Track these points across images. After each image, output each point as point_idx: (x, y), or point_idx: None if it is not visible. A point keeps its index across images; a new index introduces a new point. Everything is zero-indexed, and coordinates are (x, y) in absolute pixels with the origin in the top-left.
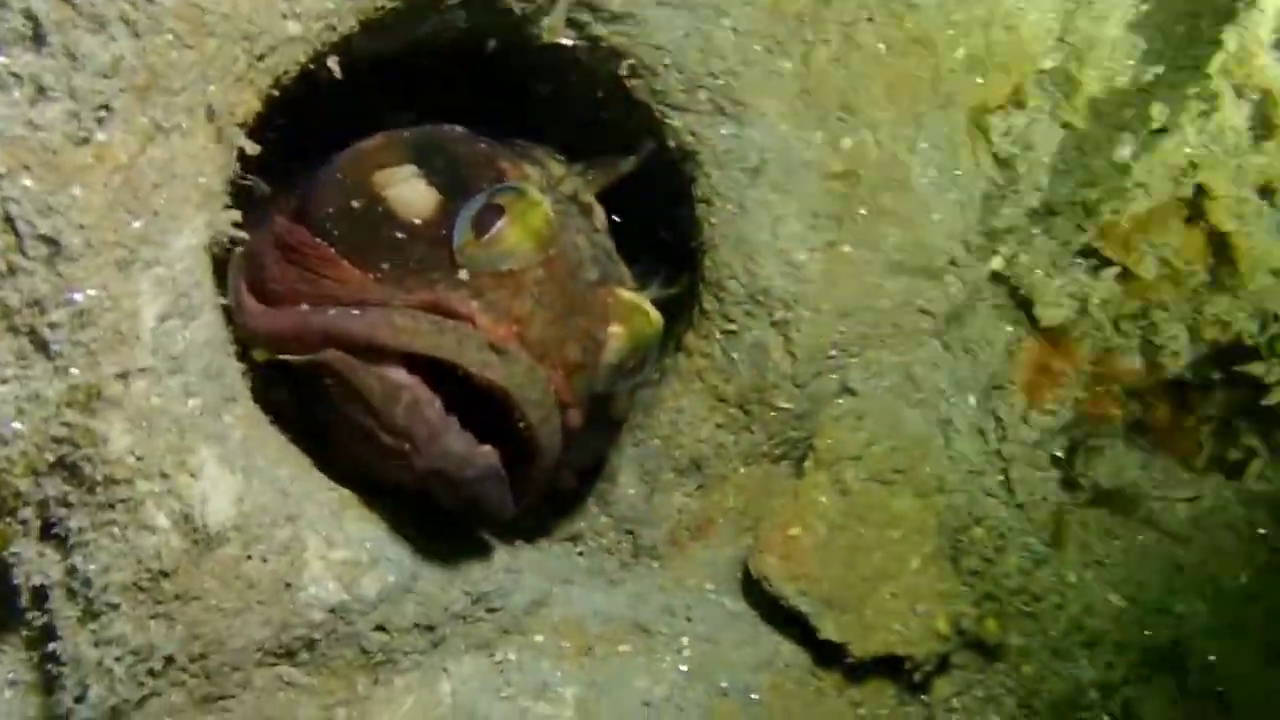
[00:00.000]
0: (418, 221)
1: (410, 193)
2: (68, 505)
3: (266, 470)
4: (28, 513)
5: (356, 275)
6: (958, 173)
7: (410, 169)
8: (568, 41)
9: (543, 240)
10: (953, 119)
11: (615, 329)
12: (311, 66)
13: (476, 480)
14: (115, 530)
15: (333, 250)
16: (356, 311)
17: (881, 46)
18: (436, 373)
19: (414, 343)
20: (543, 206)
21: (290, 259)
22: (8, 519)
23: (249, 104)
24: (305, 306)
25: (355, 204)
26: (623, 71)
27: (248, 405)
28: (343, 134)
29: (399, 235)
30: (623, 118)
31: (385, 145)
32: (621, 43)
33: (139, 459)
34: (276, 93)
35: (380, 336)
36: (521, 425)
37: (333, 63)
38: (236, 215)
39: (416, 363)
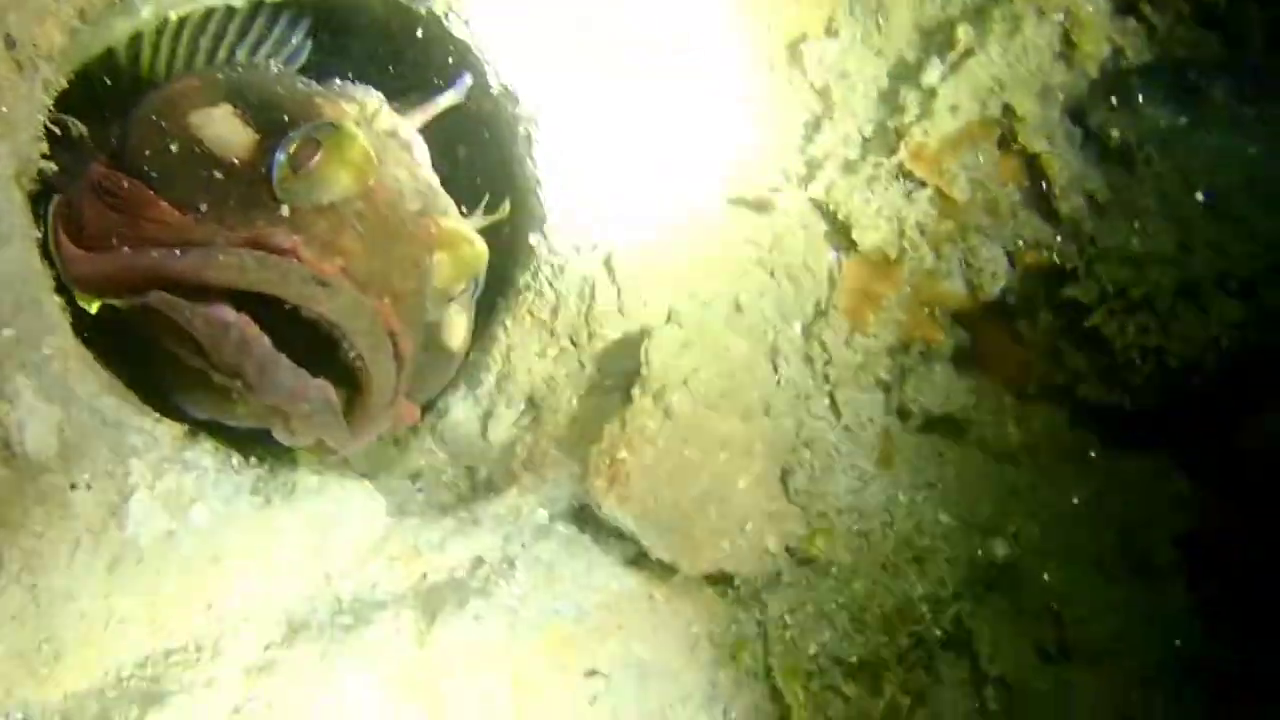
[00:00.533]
0: (235, 161)
1: (227, 131)
2: None
3: (86, 400)
4: None
5: (176, 216)
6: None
7: (226, 108)
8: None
9: (361, 172)
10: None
11: (440, 256)
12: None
13: (311, 413)
14: None
15: (151, 192)
16: (179, 252)
17: None
18: (264, 309)
19: (239, 279)
20: (359, 139)
21: (108, 203)
22: None
23: (51, 36)
24: (127, 250)
25: (172, 145)
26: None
27: (66, 337)
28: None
29: (217, 175)
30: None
31: (200, 86)
32: None
33: None
34: (80, 24)
35: (205, 274)
36: (353, 356)
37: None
38: (44, 147)
39: (243, 301)
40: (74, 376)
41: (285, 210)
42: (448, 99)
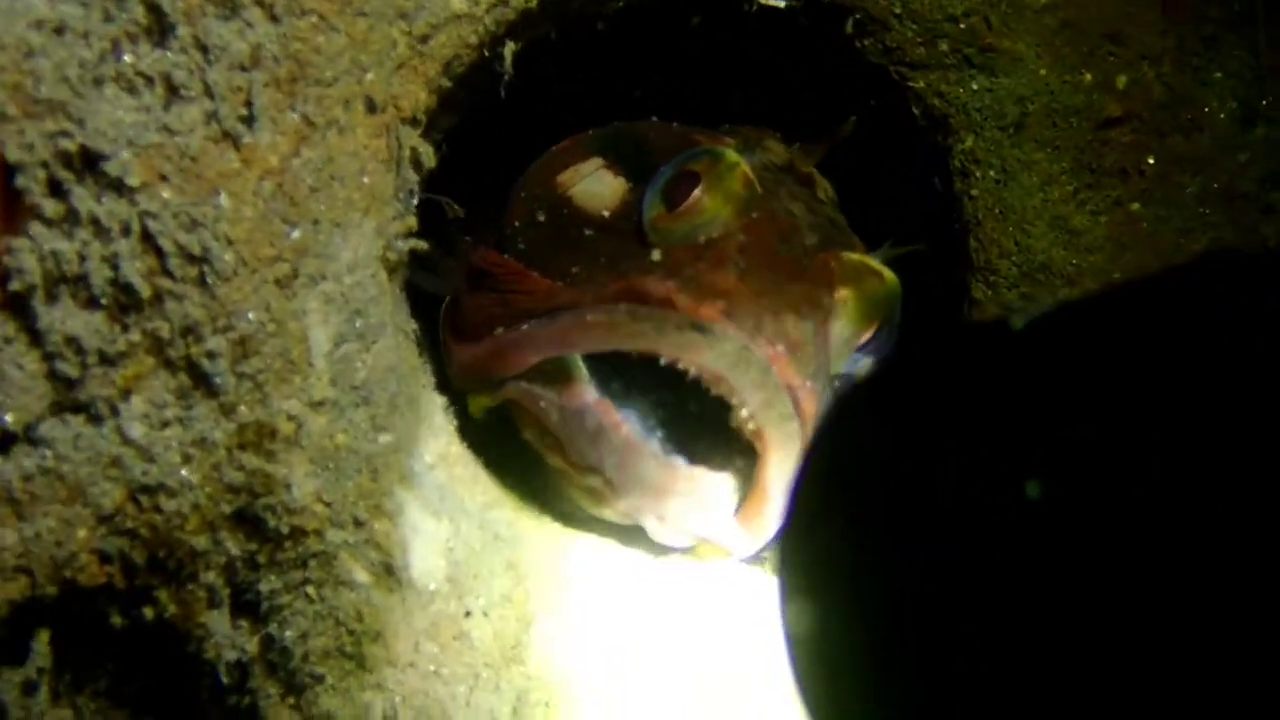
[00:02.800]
0: (606, 214)
1: (596, 185)
2: (254, 566)
3: (476, 514)
4: (211, 577)
5: (545, 284)
6: (1264, 102)
7: (595, 162)
8: (779, 3)
9: (743, 204)
10: (1251, 37)
11: (843, 293)
12: (486, 54)
13: (684, 512)
14: (310, 590)
15: (522, 265)
16: (548, 319)
17: None
18: (650, 385)
19: (608, 339)
20: (741, 166)
21: (482, 285)
22: (188, 585)
23: (415, 95)
24: (499, 330)
25: (541, 210)
26: (849, 30)
27: (451, 442)
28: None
29: (588, 233)
30: (855, 85)
31: (570, 145)
32: None
33: (328, 505)
34: (449, 83)
35: (571, 340)
36: (744, 415)
37: (507, 50)
38: (413, 221)
39: (623, 377)
40: (462, 486)
41: (657, 255)
42: (847, 126)
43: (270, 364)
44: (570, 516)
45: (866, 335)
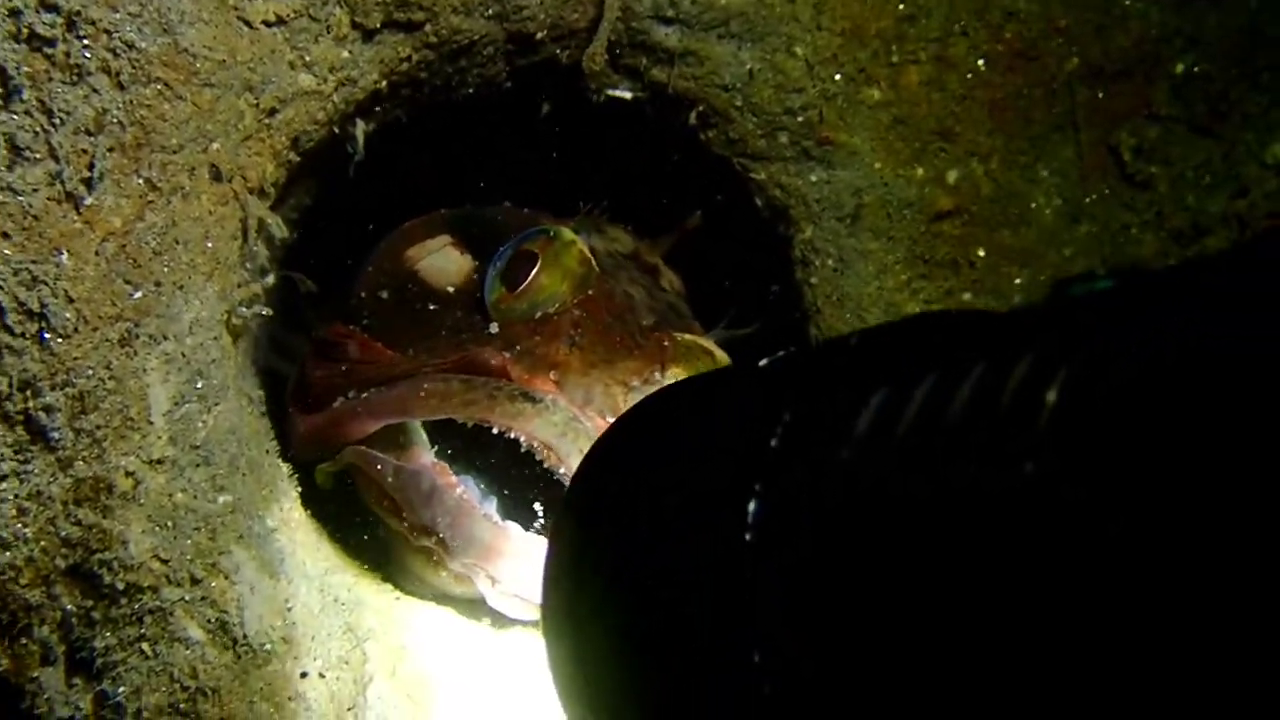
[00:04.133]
0: (450, 290)
1: (443, 261)
2: (90, 622)
3: (317, 577)
4: (45, 632)
5: (389, 355)
6: (1088, 200)
7: (444, 239)
8: (626, 94)
9: (580, 281)
10: (1074, 139)
11: (675, 370)
12: (336, 131)
13: (514, 574)
14: (145, 647)
15: (366, 335)
16: (386, 388)
17: (980, 63)
18: (482, 453)
19: (443, 407)
20: (577, 244)
21: (327, 356)
22: (21, 640)
23: (263, 166)
24: (339, 400)
25: (389, 285)
26: (692, 121)
27: (294, 508)
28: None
29: (432, 307)
30: (698, 175)
31: (420, 223)
32: (685, 87)
33: (165, 562)
34: (297, 158)
35: (409, 408)
36: (560, 475)
37: (359, 130)
38: (257, 288)
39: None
40: (303, 550)
41: (495, 328)
42: (694, 219)
43: (109, 420)
44: (409, 586)
45: None
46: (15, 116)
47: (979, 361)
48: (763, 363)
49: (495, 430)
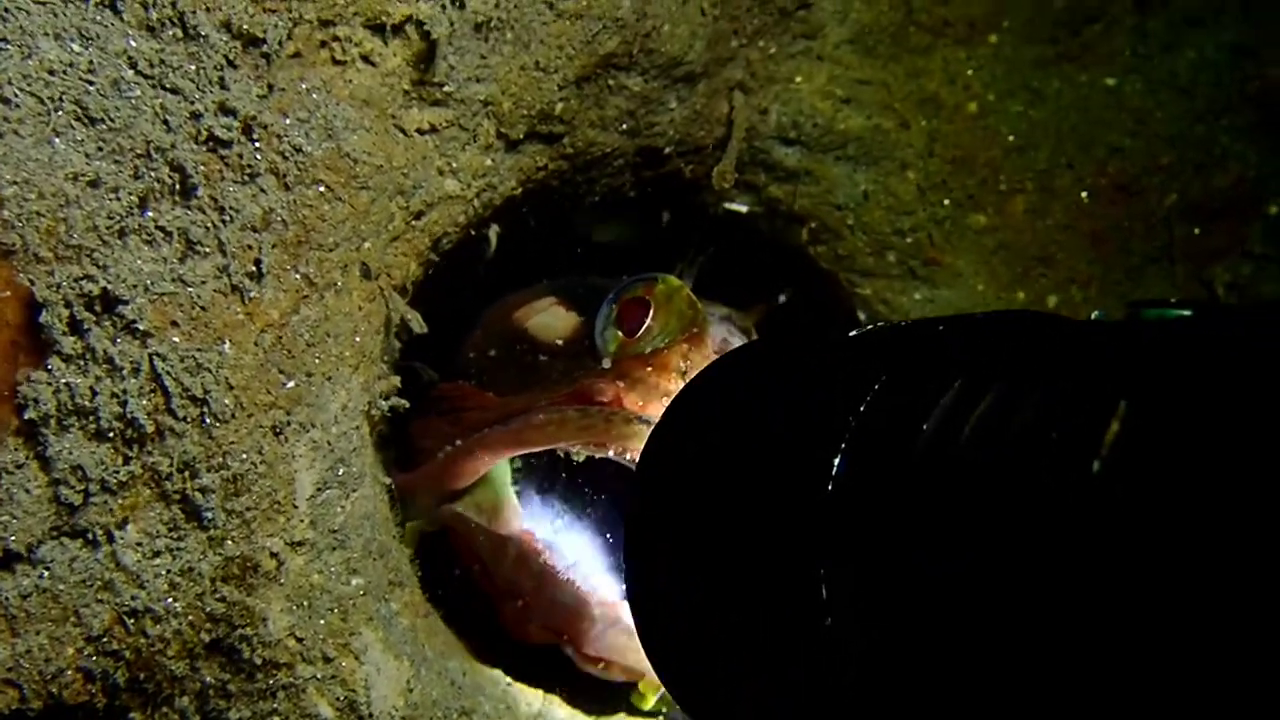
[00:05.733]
0: (559, 342)
1: (550, 318)
2: (226, 695)
3: (435, 660)
4: (185, 703)
5: (499, 399)
6: None
7: (549, 300)
8: (743, 208)
9: (689, 321)
10: (1170, 272)
11: None
12: (471, 232)
13: (597, 637)
14: None
15: (474, 385)
16: (500, 425)
17: (1084, 195)
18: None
19: (559, 434)
20: (685, 289)
21: (436, 411)
22: (164, 709)
23: (407, 265)
24: (448, 448)
25: (498, 345)
26: (804, 238)
27: (414, 591)
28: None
29: (543, 358)
30: (808, 289)
31: (527, 291)
32: (800, 205)
33: (300, 641)
34: (436, 257)
35: (524, 438)
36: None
37: (492, 232)
38: (396, 381)
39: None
40: (423, 635)
41: (607, 363)
42: (784, 295)
43: (259, 503)
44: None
45: None
46: (190, 213)
47: (1048, 374)
48: (852, 333)
49: (610, 454)
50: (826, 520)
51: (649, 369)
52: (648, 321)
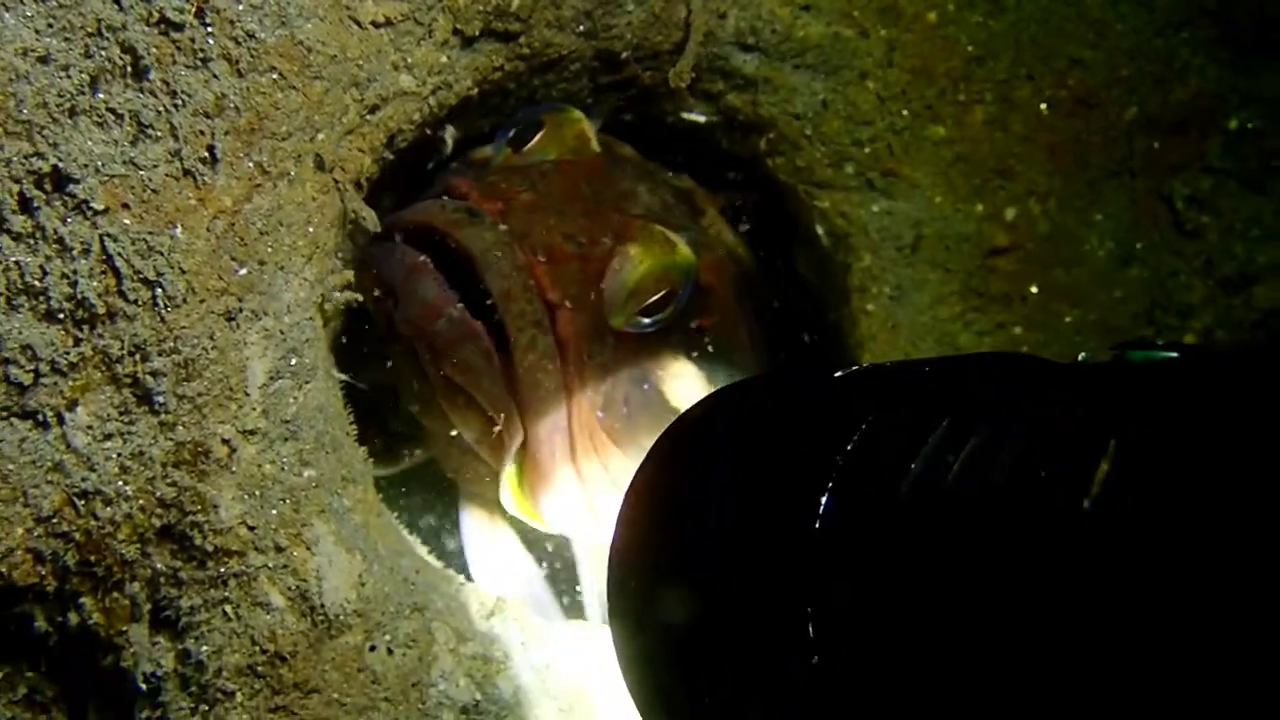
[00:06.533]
0: (479, 160)
1: (486, 149)
2: (178, 582)
3: (389, 557)
4: (136, 588)
5: None
6: (1139, 245)
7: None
8: (700, 118)
9: (571, 152)
10: (1129, 186)
11: (633, 249)
12: (428, 131)
13: (447, 334)
14: (228, 609)
15: None
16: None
17: (1043, 107)
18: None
19: (411, 218)
20: (583, 123)
21: None
22: (114, 594)
23: (361, 160)
24: None
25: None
26: (762, 148)
27: (368, 490)
28: None
29: (457, 168)
30: (767, 198)
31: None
32: (758, 115)
33: (251, 529)
34: (390, 155)
35: (395, 222)
36: (489, 303)
37: (448, 134)
38: (349, 275)
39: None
40: (376, 530)
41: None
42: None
43: (210, 389)
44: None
45: (651, 298)
46: (141, 95)
47: (1036, 414)
48: (838, 374)
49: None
50: (813, 558)
51: (504, 176)
52: (533, 141)
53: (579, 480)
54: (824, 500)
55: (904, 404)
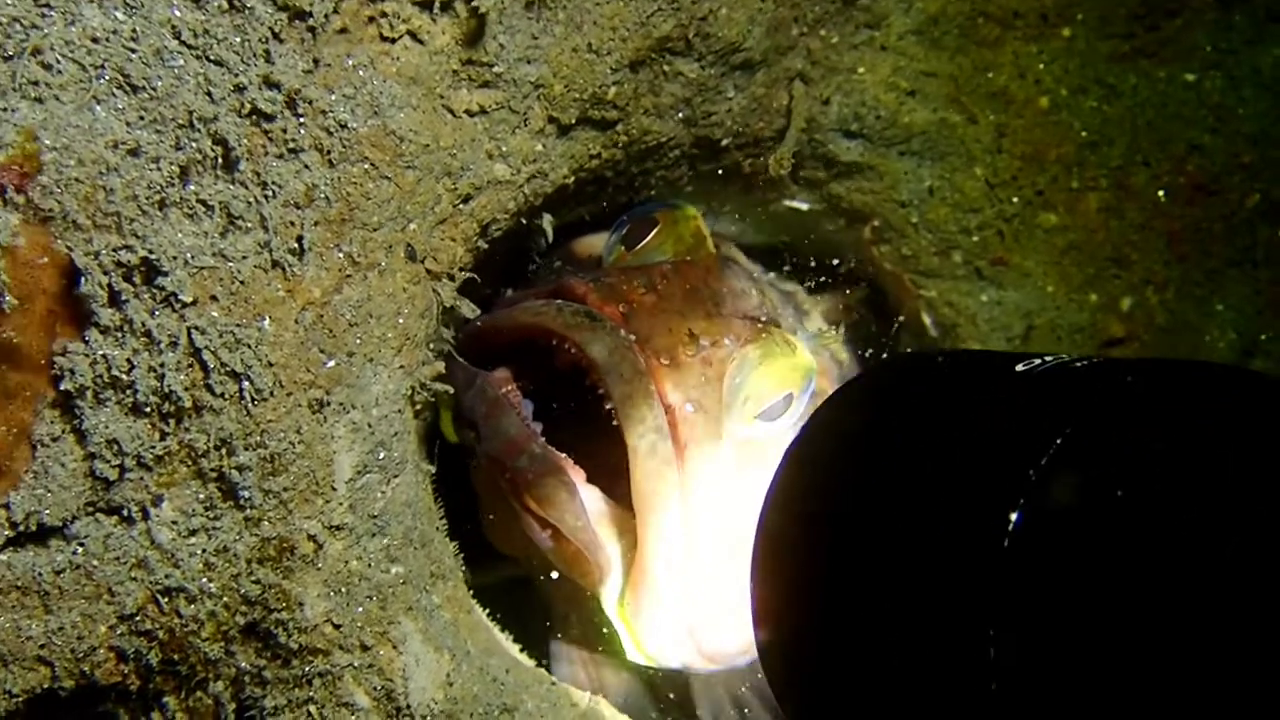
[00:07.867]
0: (587, 257)
1: (593, 239)
2: (261, 681)
3: (477, 656)
4: (219, 688)
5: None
6: (1263, 337)
7: (605, 233)
8: (803, 205)
9: (687, 250)
10: (1252, 275)
11: (754, 351)
12: (523, 221)
13: (533, 471)
14: (312, 709)
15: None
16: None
17: (1160, 194)
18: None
19: (520, 316)
20: (697, 220)
21: None
22: (198, 694)
23: (454, 250)
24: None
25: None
26: (866, 235)
27: (458, 586)
28: None
29: (568, 269)
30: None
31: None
32: (862, 202)
33: (337, 627)
34: (485, 245)
35: (499, 324)
36: (608, 409)
37: (546, 222)
38: (439, 367)
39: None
40: (465, 630)
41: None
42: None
43: (296, 483)
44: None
45: (769, 401)
46: (232, 186)
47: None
48: (1020, 367)
49: (554, 342)
50: (1000, 578)
51: (622, 277)
52: (648, 238)
53: (692, 599)
54: (1014, 517)
55: (1111, 415)
